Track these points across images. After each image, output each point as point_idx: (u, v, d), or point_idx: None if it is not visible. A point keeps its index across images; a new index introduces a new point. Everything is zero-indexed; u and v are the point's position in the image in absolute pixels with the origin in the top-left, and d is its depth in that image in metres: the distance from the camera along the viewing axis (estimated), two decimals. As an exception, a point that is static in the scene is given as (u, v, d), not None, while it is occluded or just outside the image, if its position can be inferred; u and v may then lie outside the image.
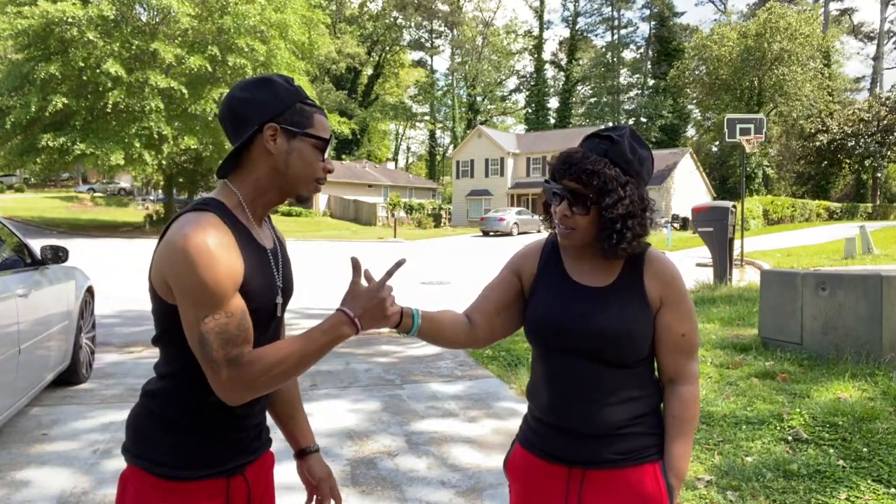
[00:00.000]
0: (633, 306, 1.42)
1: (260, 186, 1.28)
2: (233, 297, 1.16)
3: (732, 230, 10.53)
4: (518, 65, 71.39)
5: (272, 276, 1.30)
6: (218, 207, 1.23)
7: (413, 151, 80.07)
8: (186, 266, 1.11)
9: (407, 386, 5.07)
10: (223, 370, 1.14)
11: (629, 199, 1.38)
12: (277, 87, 1.26)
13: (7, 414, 3.55)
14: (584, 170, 1.37)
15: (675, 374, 1.47)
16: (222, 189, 1.29)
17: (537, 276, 1.54)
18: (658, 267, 1.47)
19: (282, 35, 26.44)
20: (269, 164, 1.26)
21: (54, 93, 23.15)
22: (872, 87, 58.42)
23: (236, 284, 1.17)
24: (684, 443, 1.46)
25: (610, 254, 1.41)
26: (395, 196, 42.89)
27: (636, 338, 1.41)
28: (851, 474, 3.11)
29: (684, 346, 1.46)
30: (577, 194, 1.38)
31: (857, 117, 43.50)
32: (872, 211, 44.74)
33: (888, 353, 4.87)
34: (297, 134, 1.26)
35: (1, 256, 4.02)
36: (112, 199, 45.94)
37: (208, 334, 1.14)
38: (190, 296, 1.13)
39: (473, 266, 16.21)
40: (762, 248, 19.41)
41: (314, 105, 1.31)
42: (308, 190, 1.30)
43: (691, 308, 1.49)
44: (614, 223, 1.38)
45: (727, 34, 44.25)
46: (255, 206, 1.30)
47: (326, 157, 1.30)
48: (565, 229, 1.41)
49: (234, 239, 1.19)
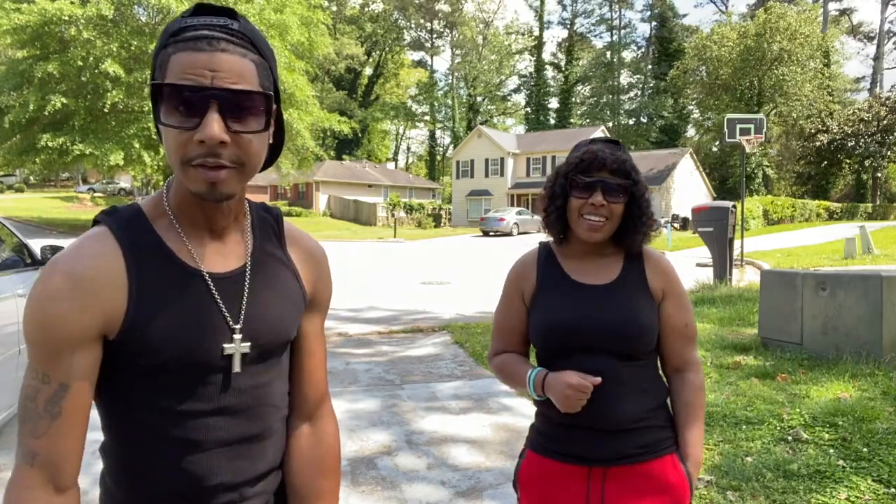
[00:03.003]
0: (640, 299, 1.48)
1: (178, 184, 0.93)
2: (67, 356, 0.84)
3: (732, 230, 10.53)
4: (519, 65, 71.46)
5: (209, 315, 0.92)
6: (124, 219, 0.92)
7: (413, 151, 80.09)
8: (28, 301, 0.87)
9: (407, 386, 5.07)
10: (16, 457, 0.86)
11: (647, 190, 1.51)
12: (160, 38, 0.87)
13: (7, 414, 3.56)
14: (623, 160, 1.46)
15: (681, 363, 1.53)
16: (163, 190, 0.97)
17: (538, 285, 1.55)
18: (657, 262, 1.55)
19: (281, 35, 26.46)
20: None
21: (53, 92, 23.14)
22: (872, 87, 58.41)
23: (85, 335, 0.85)
24: (698, 429, 1.50)
25: (631, 244, 1.50)
26: (395, 196, 42.88)
27: (647, 328, 1.46)
28: (851, 474, 3.11)
29: (688, 334, 1.53)
30: (613, 184, 1.44)
31: (857, 117, 43.47)
32: (872, 211, 44.71)
33: (888, 353, 4.86)
34: (155, 106, 0.87)
35: (1, 256, 4.02)
36: (112, 200, 45.92)
37: (20, 395, 0.87)
38: (23, 336, 0.88)
39: (474, 266, 16.21)
40: (762, 248, 19.40)
41: (185, 28, 0.84)
42: (189, 182, 0.86)
43: (689, 299, 1.57)
44: (644, 211, 1.48)
45: (727, 34, 44.23)
46: (181, 210, 0.93)
47: (207, 119, 0.82)
48: (597, 221, 1.44)
49: (120, 269, 0.87)
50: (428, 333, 7.25)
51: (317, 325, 1.11)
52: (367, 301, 9.70)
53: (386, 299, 10.00)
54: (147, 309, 0.87)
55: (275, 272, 1.01)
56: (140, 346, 0.87)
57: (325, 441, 1.12)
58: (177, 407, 0.91)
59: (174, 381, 0.90)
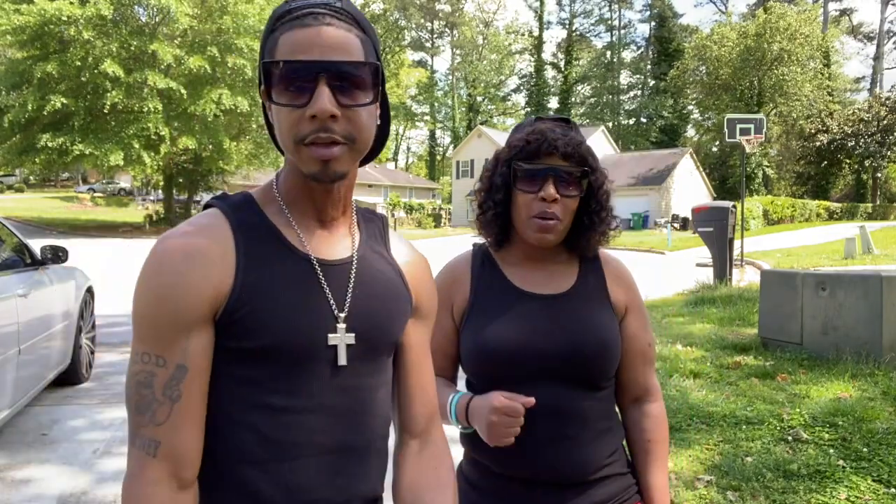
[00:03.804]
0: (601, 313, 1.22)
1: (289, 171, 0.92)
2: (183, 335, 0.79)
3: (732, 230, 10.53)
4: (519, 65, 71.52)
5: (316, 300, 0.87)
6: (235, 202, 0.91)
7: (413, 151, 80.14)
8: (138, 279, 0.83)
9: (407, 386, 5.06)
10: (131, 449, 0.80)
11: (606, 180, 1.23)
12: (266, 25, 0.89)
13: (7, 414, 3.55)
14: (578, 142, 1.17)
15: (642, 391, 1.28)
16: (273, 179, 0.97)
17: (472, 296, 1.25)
18: (618, 269, 1.29)
19: (282, 35, 26.45)
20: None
21: (52, 92, 23.16)
22: (872, 87, 58.44)
23: (200, 313, 0.80)
24: (663, 469, 1.25)
25: (587, 247, 1.23)
26: (395, 196, 42.91)
27: (611, 349, 1.19)
28: (851, 474, 3.11)
29: (650, 356, 1.29)
30: (566, 174, 1.16)
31: (857, 117, 43.49)
32: (872, 211, 44.72)
33: (888, 353, 4.87)
34: (263, 89, 0.87)
35: (1, 256, 4.02)
36: (112, 200, 45.94)
37: (129, 382, 0.81)
38: (132, 318, 0.83)
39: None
40: (762, 248, 19.40)
41: (290, 10, 0.85)
42: (302, 163, 0.84)
43: (648, 314, 1.33)
44: (603, 205, 1.21)
45: (727, 34, 44.27)
46: (291, 197, 0.91)
47: (318, 94, 0.80)
48: (547, 220, 1.16)
49: (229, 245, 0.84)
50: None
51: (423, 336, 1.04)
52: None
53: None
54: (252, 288, 0.83)
55: (381, 268, 0.96)
56: (242, 328, 0.82)
57: (437, 456, 1.05)
58: (275, 401, 0.83)
59: (274, 370, 0.83)
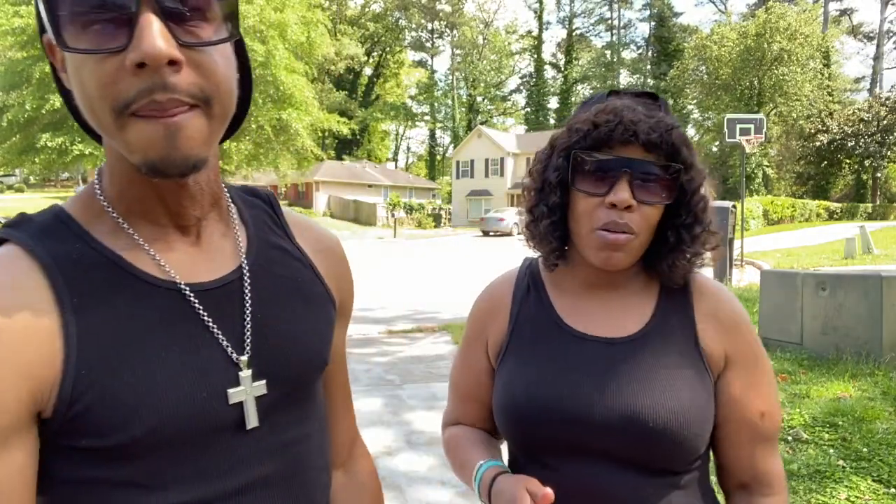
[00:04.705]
0: (681, 368, 0.87)
1: (114, 163, 0.61)
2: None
3: (732, 230, 10.54)
4: (518, 65, 71.56)
5: (199, 346, 0.60)
6: (40, 227, 0.59)
7: (413, 151, 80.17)
8: None
9: (407, 386, 5.07)
10: None
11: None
12: None
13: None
14: (669, 126, 0.84)
15: (751, 478, 0.91)
16: (93, 182, 0.65)
17: (510, 328, 0.96)
18: (717, 303, 0.92)
19: (281, 35, 26.48)
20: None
21: (52, 92, 23.17)
22: (872, 87, 58.44)
23: (13, 417, 0.52)
24: None
25: (673, 273, 0.90)
26: (395, 196, 42.92)
27: (693, 423, 0.84)
28: (851, 474, 3.11)
29: (765, 431, 0.90)
30: (648, 171, 0.84)
31: (857, 117, 43.49)
32: (872, 211, 44.71)
33: (888, 353, 4.87)
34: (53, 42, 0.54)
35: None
36: (112, 200, 45.99)
37: None
38: None
39: (474, 266, 16.20)
40: (762, 248, 19.39)
41: None
42: (130, 146, 0.54)
43: (770, 369, 0.93)
44: (698, 218, 0.88)
45: (727, 34, 44.28)
46: (127, 202, 0.62)
47: (142, 27, 0.50)
48: (617, 234, 0.84)
49: (45, 298, 0.55)
50: (428, 333, 7.25)
51: (342, 338, 0.80)
52: (366, 301, 9.70)
53: (386, 299, 10.00)
54: (96, 360, 0.54)
55: (286, 271, 0.69)
56: (90, 424, 0.54)
57: (365, 485, 0.86)
58: (202, 473, 0.59)
59: (155, 464, 0.57)
